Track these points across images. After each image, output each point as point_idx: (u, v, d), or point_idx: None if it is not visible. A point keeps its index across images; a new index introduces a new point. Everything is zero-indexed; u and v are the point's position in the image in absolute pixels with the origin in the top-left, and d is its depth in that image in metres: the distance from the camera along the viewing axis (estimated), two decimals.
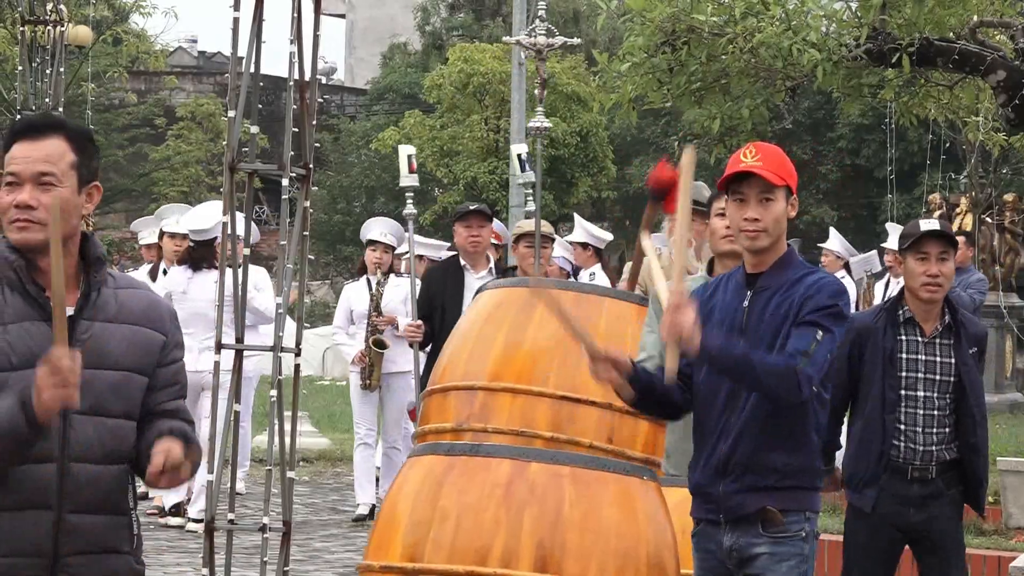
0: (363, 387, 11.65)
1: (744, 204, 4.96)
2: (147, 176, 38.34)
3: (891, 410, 6.40)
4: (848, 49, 10.49)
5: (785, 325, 4.86)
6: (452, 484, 5.02)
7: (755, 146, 5.02)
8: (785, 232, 5.00)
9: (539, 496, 4.94)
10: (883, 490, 6.43)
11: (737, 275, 5.06)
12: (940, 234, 6.41)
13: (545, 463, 5.00)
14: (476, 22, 41.66)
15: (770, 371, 4.76)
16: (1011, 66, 10.75)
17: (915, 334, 6.44)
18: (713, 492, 4.94)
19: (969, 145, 17.44)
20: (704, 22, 10.54)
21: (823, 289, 4.90)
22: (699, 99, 11.16)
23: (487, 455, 5.06)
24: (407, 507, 5.04)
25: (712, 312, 4.98)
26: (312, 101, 7.80)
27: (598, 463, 5.10)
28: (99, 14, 32.34)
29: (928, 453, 6.42)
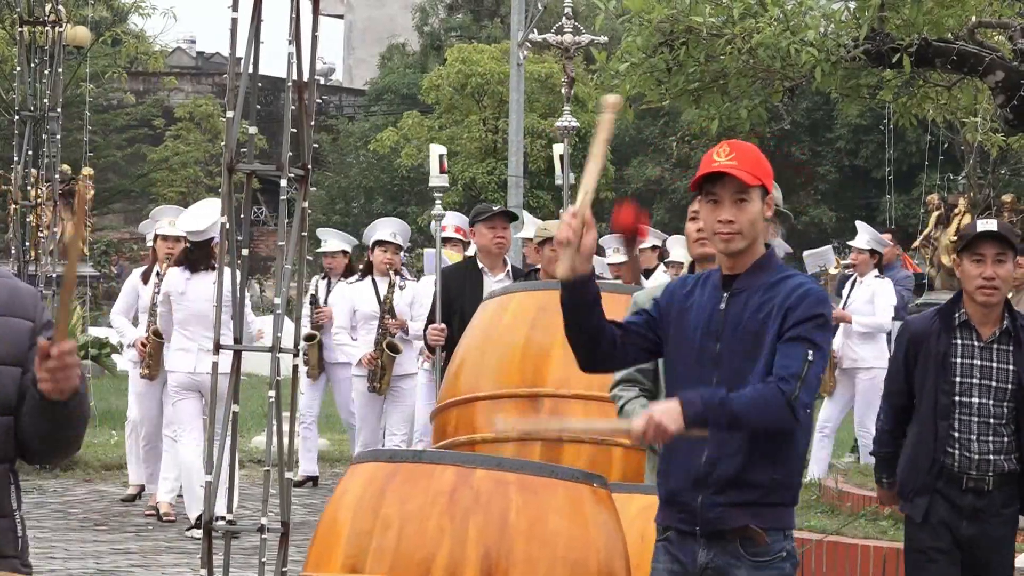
0: (371, 390, 11.58)
1: (718, 205, 4.75)
2: (145, 177, 38.34)
3: (944, 416, 6.18)
4: (846, 50, 10.49)
5: (766, 331, 4.67)
6: (394, 492, 4.85)
7: (729, 144, 4.83)
8: (762, 233, 4.81)
9: (484, 504, 4.78)
10: (937, 498, 6.21)
11: (714, 276, 4.85)
12: (996, 235, 6.18)
13: (490, 470, 4.84)
14: (474, 23, 41.67)
15: (763, 409, 4.59)
16: (1009, 67, 10.75)
17: (971, 338, 6.22)
18: (691, 502, 4.71)
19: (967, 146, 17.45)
20: (702, 23, 10.55)
21: (807, 297, 4.70)
22: (697, 99, 11.16)
23: (431, 462, 4.91)
24: (348, 516, 4.88)
25: (688, 312, 4.80)
26: (310, 102, 7.80)
27: (545, 470, 4.94)
28: (98, 15, 32.34)
29: (984, 462, 6.17)
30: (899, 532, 9.90)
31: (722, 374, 4.69)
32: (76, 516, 11.65)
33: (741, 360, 4.68)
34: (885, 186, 25.45)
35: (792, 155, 33.91)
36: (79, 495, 12.62)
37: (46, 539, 10.68)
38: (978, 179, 19.81)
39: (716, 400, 4.57)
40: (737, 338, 4.70)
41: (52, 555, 10.15)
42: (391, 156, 34.52)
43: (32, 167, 14.34)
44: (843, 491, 11.33)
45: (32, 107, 14.07)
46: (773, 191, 4.82)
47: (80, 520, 11.49)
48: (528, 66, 25.01)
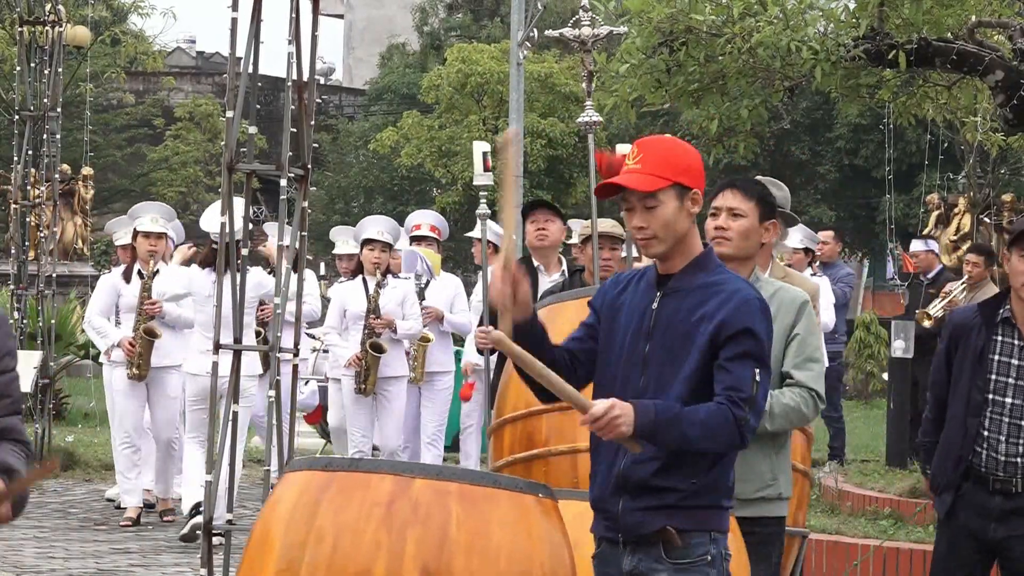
0: (357, 392, 11.37)
1: (632, 212, 4.59)
2: (145, 176, 38.33)
3: (975, 413, 5.99)
4: (846, 49, 10.49)
5: (696, 335, 4.49)
6: (329, 502, 4.63)
7: (639, 145, 4.63)
8: (690, 230, 4.60)
9: (423, 516, 4.57)
10: (963, 499, 6.03)
11: (649, 273, 4.68)
12: None
13: (430, 479, 4.63)
14: (474, 22, 41.66)
15: (714, 433, 4.43)
16: (1009, 66, 10.75)
17: (1012, 336, 6.00)
18: (612, 509, 4.61)
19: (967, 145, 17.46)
20: (702, 22, 10.55)
21: (747, 305, 4.51)
22: (697, 100, 11.15)
23: (368, 471, 4.70)
24: (281, 527, 4.67)
25: (620, 311, 4.64)
26: (310, 101, 7.80)
27: (488, 479, 4.75)
28: (97, 14, 32.34)
29: (1012, 464, 5.96)
30: (899, 532, 9.92)
31: (648, 376, 4.54)
32: (76, 516, 11.66)
33: (668, 363, 4.53)
34: (885, 185, 25.43)
35: (792, 155, 33.90)
36: (79, 495, 12.62)
37: (46, 539, 10.69)
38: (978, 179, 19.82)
39: (669, 413, 4.42)
40: (666, 340, 4.54)
41: (52, 555, 10.15)
42: (391, 156, 34.50)
43: (32, 167, 14.34)
44: (843, 491, 11.34)
45: (32, 107, 14.07)
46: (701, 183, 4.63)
47: (80, 520, 11.49)
48: (528, 66, 25.00)
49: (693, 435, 4.40)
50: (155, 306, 11.21)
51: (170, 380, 11.37)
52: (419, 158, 33.29)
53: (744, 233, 5.80)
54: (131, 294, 11.34)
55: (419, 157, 33.28)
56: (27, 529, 10.92)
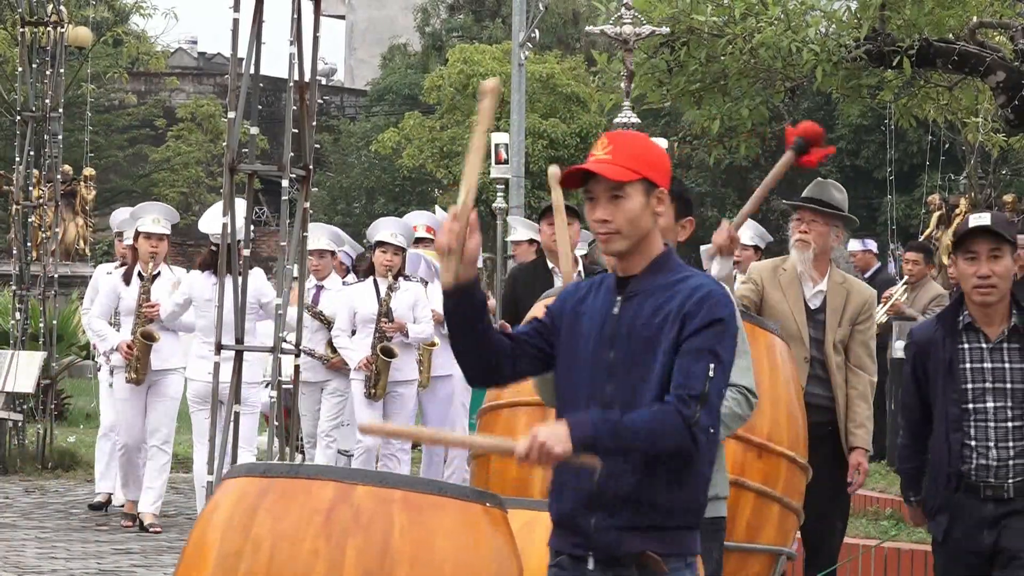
0: (367, 396, 11.20)
1: (594, 204, 4.36)
2: (147, 177, 38.37)
3: (956, 427, 5.80)
4: (847, 50, 10.50)
5: (661, 338, 4.29)
6: (267, 510, 4.44)
7: (609, 136, 4.42)
8: (652, 230, 4.39)
9: (364, 524, 4.37)
10: (955, 513, 5.83)
11: (609, 279, 4.44)
12: (989, 230, 5.71)
13: (373, 486, 4.43)
14: (476, 23, 41.68)
15: (659, 435, 4.19)
16: (1010, 67, 10.76)
17: (978, 340, 5.82)
18: (583, 525, 4.31)
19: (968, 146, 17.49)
20: (704, 22, 10.56)
21: (707, 300, 4.29)
22: (698, 99, 11.17)
23: (308, 476, 4.50)
24: (217, 535, 4.47)
25: (581, 318, 4.41)
26: (312, 102, 7.81)
27: (433, 487, 4.54)
28: (99, 15, 32.37)
29: (1003, 469, 5.79)
30: (900, 531, 9.92)
31: (616, 385, 4.32)
32: (78, 516, 11.66)
33: (635, 369, 4.31)
34: (886, 186, 25.47)
35: None
36: (81, 495, 12.62)
37: (48, 539, 10.69)
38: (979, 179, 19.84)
39: (608, 424, 4.18)
40: (631, 345, 4.31)
41: (54, 555, 10.16)
42: (392, 157, 34.53)
43: (34, 167, 14.35)
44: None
45: (34, 107, 14.08)
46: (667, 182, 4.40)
47: (82, 520, 11.49)
48: (529, 67, 25.02)
49: (636, 439, 4.19)
50: (153, 309, 10.98)
51: (169, 383, 11.18)
52: (420, 159, 33.32)
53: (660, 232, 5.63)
54: (131, 296, 11.12)
55: (420, 158, 33.30)
56: (29, 530, 10.93)
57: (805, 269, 7.49)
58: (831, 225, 7.51)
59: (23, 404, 13.66)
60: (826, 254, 7.52)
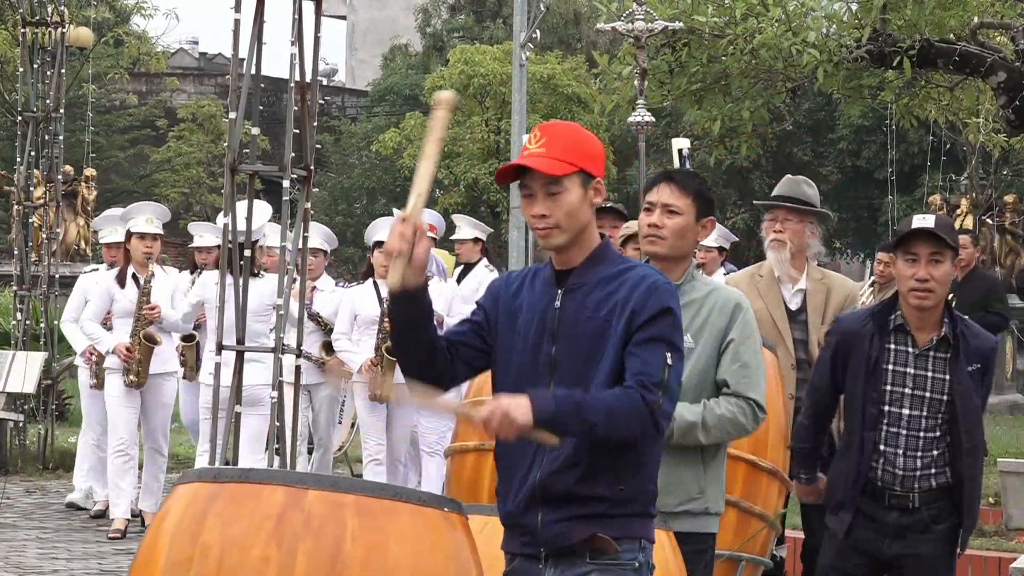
0: (371, 399, 11.05)
1: (532, 199, 4.25)
2: (148, 178, 38.37)
3: (871, 427, 5.63)
4: (848, 50, 10.50)
5: (609, 332, 4.18)
6: (217, 515, 4.34)
7: (542, 129, 4.31)
8: (590, 222, 4.28)
9: (316, 529, 4.28)
10: (859, 513, 5.69)
11: (544, 272, 4.32)
12: (931, 233, 5.56)
13: (324, 490, 4.34)
14: (477, 24, 41.68)
15: (623, 419, 4.09)
16: (1011, 67, 10.76)
17: (905, 344, 5.65)
18: (529, 523, 4.24)
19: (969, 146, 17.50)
20: (705, 23, 10.57)
21: (656, 291, 4.19)
22: (699, 100, 11.18)
23: (259, 481, 4.40)
24: (165, 542, 4.37)
25: (517, 313, 4.29)
26: (313, 103, 7.81)
27: (388, 491, 4.42)
28: (100, 16, 32.36)
29: (910, 478, 5.62)
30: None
31: (560, 380, 4.20)
32: (79, 516, 11.65)
33: (581, 364, 4.20)
34: (887, 187, 25.46)
35: (794, 156, 33.91)
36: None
37: (49, 539, 10.69)
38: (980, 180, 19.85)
39: (571, 402, 4.08)
40: (576, 339, 4.20)
41: (55, 555, 10.16)
42: (393, 157, 34.53)
43: (35, 168, 14.36)
44: None
45: (35, 108, 14.08)
46: (602, 171, 4.31)
47: (83, 520, 11.49)
48: (530, 67, 25.01)
49: (598, 421, 4.07)
50: (154, 311, 10.77)
51: (165, 387, 11.04)
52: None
53: (679, 232, 5.37)
54: (126, 298, 10.89)
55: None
56: (30, 530, 10.93)
57: (783, 270, 7.40)
58: (805, 222, 7.40)
59: (24, 404, 13.66)
60: (803, 252, 7.41)
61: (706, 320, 5.28)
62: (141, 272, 10.85)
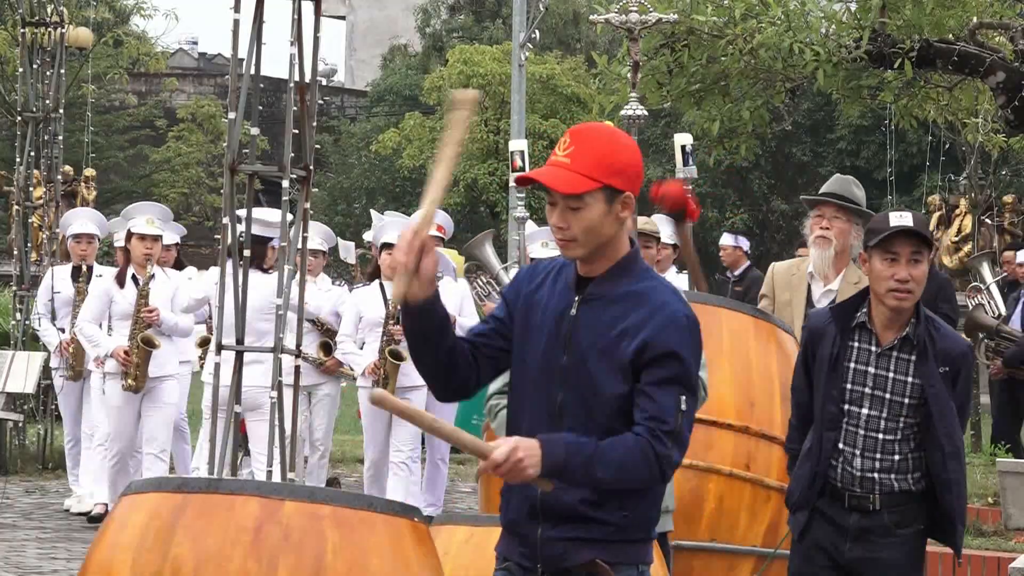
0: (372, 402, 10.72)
1: (554, 207, 4.06)
2: (148, 178, 38.37)
3: (831, 426, 5.47)
4: (848, 51, 10.51)
5: (618, 352, 4.01)
6: (187, 528, 4.17)
7: (574, 134, 4.05)
8: (616, 233, 4.06)
9: (296, 542, 4.16)
10: (819, 515, 5.52)
11: (568, 271, 4.14)
12: (913, 232, 5.37)
13: (301, 501, 4.21)
14: (476, 24, 41.69)
15: (632, 471, 3.97)
16: (1010, 68, 10.77)
17: (868, 342, 5.47)
18: (529, 535, 4.10)
19: (968, 147, 17.48)
20: (704, 23, 10.57)
21: (673, 323, 4.01)
22: (699, 101, 11.18)
23: (229, 492, 4.26)
24: (128, 557, 4.19)
25: (535, 310, 4.13)
26: (312, 103, 7.82)
27: (362, 501, 4.32)
28: (100, 16, 32.35)
29: (868, 480, 5.44)
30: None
31: (567, 393, 4.06)
32: (79, 517, 11.65)
33: (589, 380, 4.04)
34: (886, 187, 25.44)
35: (793, 156, 33.93)
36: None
37: (48, 540, 10.70)
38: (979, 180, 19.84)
39: (582, 455, 3.95)
40: (587, 353, 4.04)
41: (55, 555, 10.16)
42: (393, 157, 34.55)
43: (34, 168, 14.36)
44: None
45: (34, 108, 14.09)
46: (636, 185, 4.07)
47: (83, 521, 11.49)
48: (529, 67, 25.02)
49: (606, 477, 3.95)
50: (153, 314, 10.58)
51: (164, 390, 10.76)
52: (421, 159, 33.32)
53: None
54: (125, 300, 10.71)
55: (421, 158, 33.30)
56: (29, 530, 10.93)
57: (822, 267, 7.31)
58: (852, 222, 7.31)
59: (23, 404, 13.66)
60: (846, 252, 7.30)
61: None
62: (140, 273, 10.71)
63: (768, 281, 7.38)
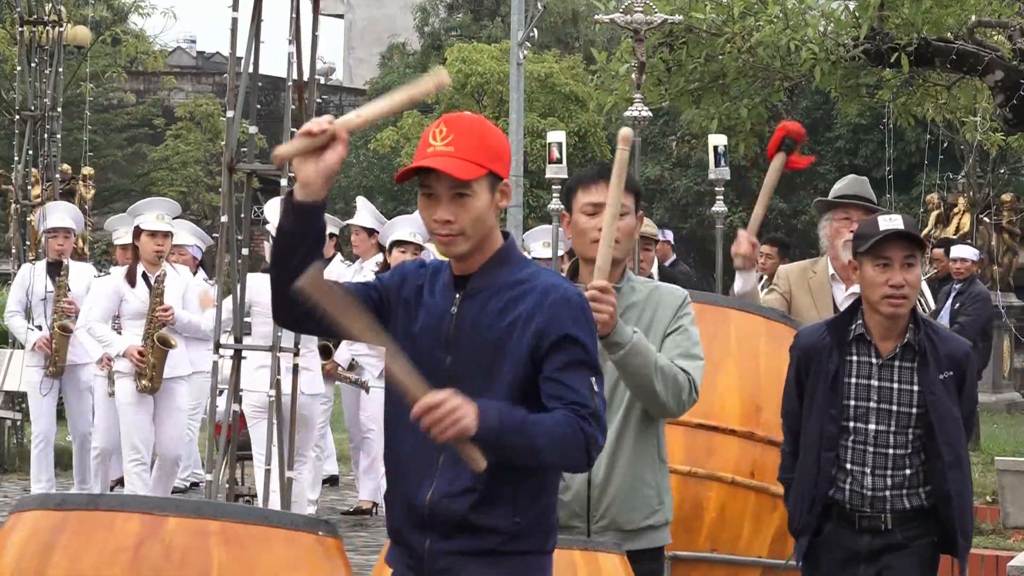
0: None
1: (434, 201, 3.82)
2: (146, 176, 38.35)
3: (829, 446, 5.21)
4: (846, 49, 10.51)
5: (509, 343, 3.78)
6: (64, 547, 3.96)
7: (448, 123, 3.85)
8: (496, 226, 3.87)
9: (178, 561, 3.94)
10: (826, 543, 5.27)
11: (445, 274, 3.91)
12: (905, 235, 5.16)
13: (186, 517, 3.99)
14: (474, 22, 41.69)
15: (564, 448, 3.72)
16: (1009, 66, 10.77)
17: (868, 354, 5.23)
18: (416, 547, 3.82)
19: (967, 145, 17.49)
20: (702, 21, 10.57)
21: (567, 306, 3.78)
22: (697, 99, 11.19)
23: (109, 508, 4.04)
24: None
25: (416, 312, 3.89)
26: (310, 101, 7.81)
27: (257, 515, 4.10)
28: (98, 14, 32.36)
29: (880, 500, 5.20)
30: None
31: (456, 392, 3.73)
32: None
33: (479, 377, 3.78)
34: (885, 185, 25.44)
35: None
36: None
37: None
38: (977, 178, 19.87)
39: (516, 418, 3.67)
40: (474, 350, 3.80)
41: None
42: (391, 155, 34.55)
43: (32, 166, 14.36)
44: None
45: (33, 107, 14.09)
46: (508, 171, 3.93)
47: None
48: (528, 66, 25.03)
49: (542, 444, 3.68)
50: (168, 313, 10.32)
51: (178, 391, 10.48)
52: None
53: (629, 232, 5.02)
54: (136, 299, 10.42)
55: None
56: None
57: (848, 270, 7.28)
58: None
59: (22, 403, 13.65)
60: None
61: (652, 319, 4.98)
62: (151, 271, 10.45)
63: (782, 280, 7.26)
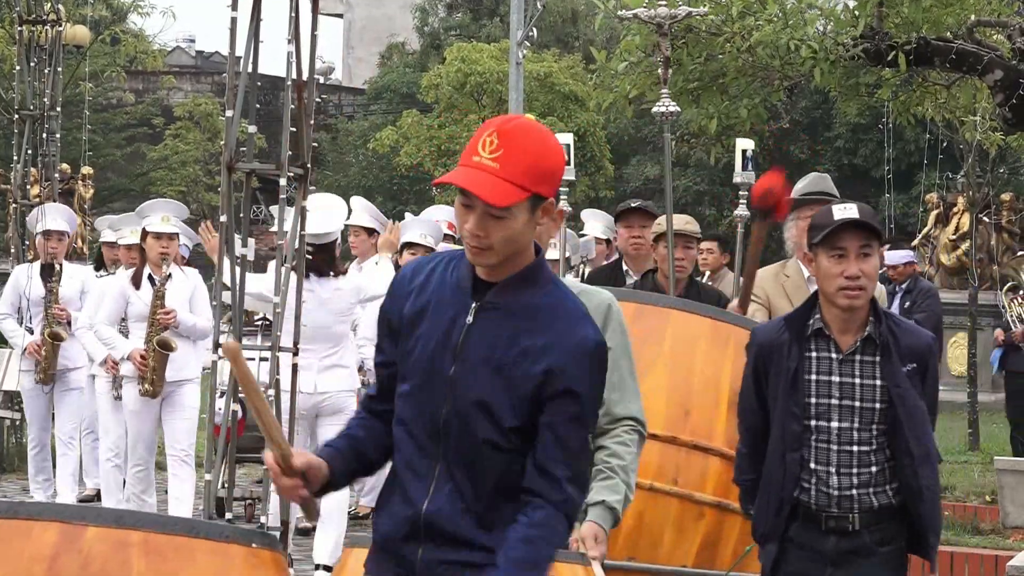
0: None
1: (469, 211, 3.62)
2: (145, 176, 38.37)
3: (793, 446, 5.04)
4: (845, 48, 10.51)
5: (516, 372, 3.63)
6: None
7: (500, 133, 3.59)
8: (530, 243, 3.68)
9: (96, 572, 3.81)
10: (791, 544, 5.09)
11: (463, 269, 3.73)
12: (860, 224, 5.00)
13: (106, 527, 3.86)
14: (474, 22, 41.69)
15: (552, 547, 3.67)
16: (1008, 66, 10.76)
17: (828, 349, 5.06)
18: (408, 557, 3.72)
19: (966, 144, 17.48)
20: (702, 20, 10.56)
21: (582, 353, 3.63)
22: (696, 98, 11.18)
23: (28, 517, 3.90)
24: None
25: (424, 312, 3.75)
26: (310, 101, 7.81)
27: (182, 526, 3.98)
28: (97, 14, 32.36)
29: (847, 499, 5.03)
30: None
31: (452, 407, 3.67)
32: None
33: (479, 393, 3.64)
34: (884, 185, 25.47)
35: (791, 154, 33.93)
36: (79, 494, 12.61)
37: None
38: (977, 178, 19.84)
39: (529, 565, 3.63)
40: (480, 367, 3.65)
41: None
42: (390, 155, 34.55)
43: (31, 166, 14.34)
44: None
45: (32, 106, 14.08)
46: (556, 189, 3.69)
47: None
48: (527, 65, 25.02)
49: (548, 561, 3.68)
50: (169, 316, 10.17)
51: (185, 394, 10.29)
52: (418, 157, 33.33)
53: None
54: (141, 301, 10.29)
55: (418, 156, 33.31)
56: None
57: None
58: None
59: (21, 403, 13.65)
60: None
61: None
62: (157, 273, 10.32)
63: (759, 291, 7.19)
